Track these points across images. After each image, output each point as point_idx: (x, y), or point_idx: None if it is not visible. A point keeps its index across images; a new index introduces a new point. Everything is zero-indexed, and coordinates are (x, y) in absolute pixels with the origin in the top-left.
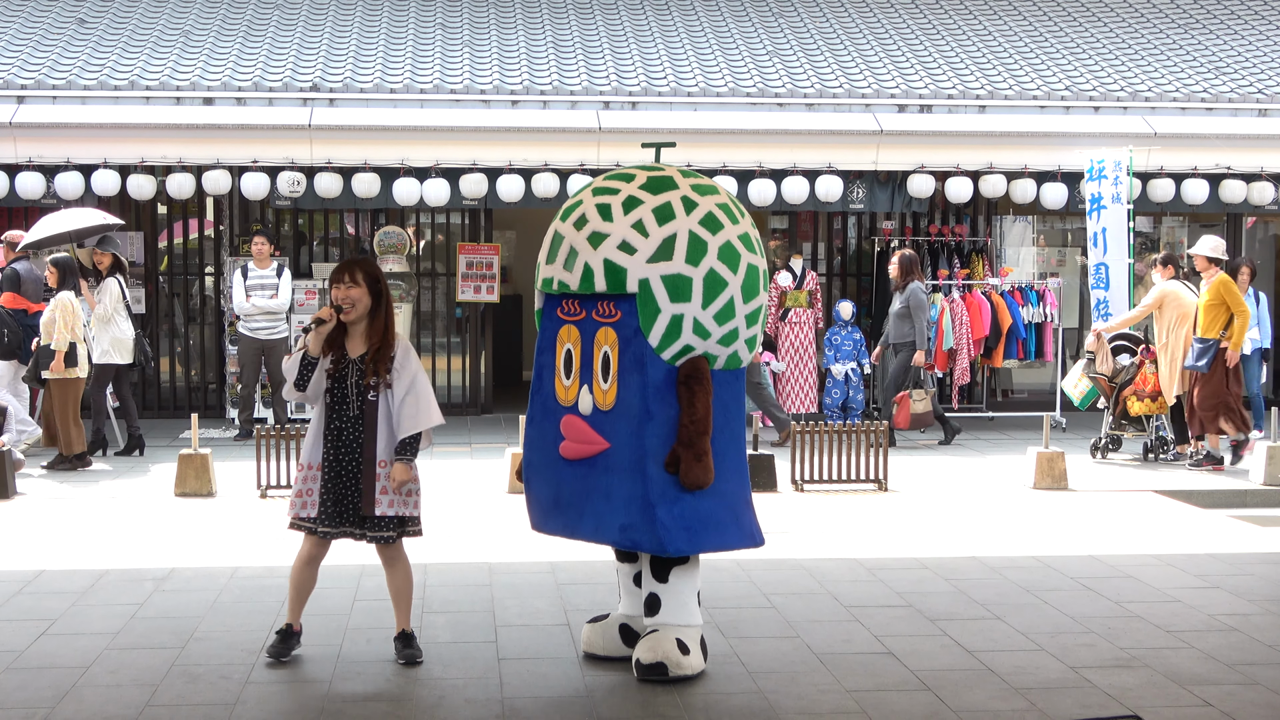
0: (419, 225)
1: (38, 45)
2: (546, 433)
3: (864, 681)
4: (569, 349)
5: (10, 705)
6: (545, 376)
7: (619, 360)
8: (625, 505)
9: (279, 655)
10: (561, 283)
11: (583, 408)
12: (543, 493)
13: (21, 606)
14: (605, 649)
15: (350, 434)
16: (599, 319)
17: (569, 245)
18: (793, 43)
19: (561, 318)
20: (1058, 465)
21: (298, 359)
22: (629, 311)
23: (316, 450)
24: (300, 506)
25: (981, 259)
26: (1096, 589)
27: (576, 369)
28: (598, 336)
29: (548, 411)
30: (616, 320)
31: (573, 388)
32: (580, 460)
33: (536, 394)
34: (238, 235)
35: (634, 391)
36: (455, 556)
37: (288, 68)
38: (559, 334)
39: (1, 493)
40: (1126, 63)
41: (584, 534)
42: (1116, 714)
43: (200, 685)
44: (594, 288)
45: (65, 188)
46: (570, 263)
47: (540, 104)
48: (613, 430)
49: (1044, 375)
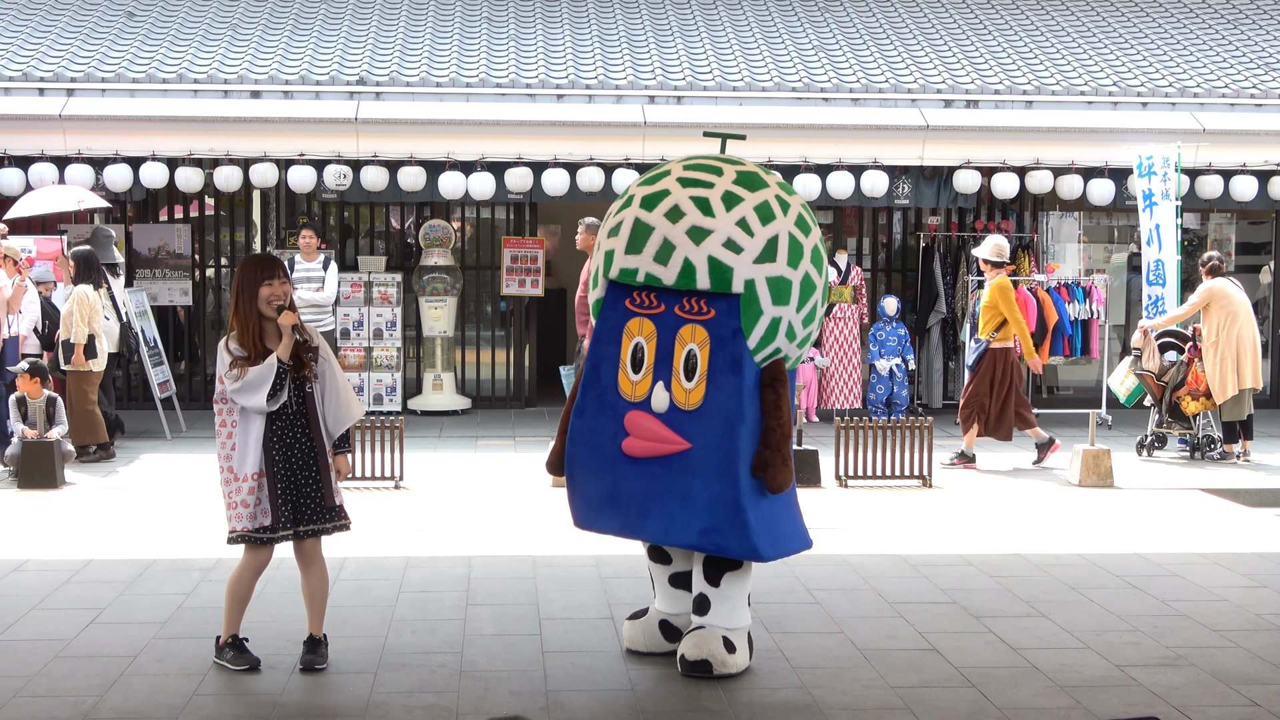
0: (464, 219)
1: (87, 38)
2: (602, 427)
3: (908, 678)
4: (639, 343)
5: (59, 693)
6: (605, 369)
7: (710, 360)
8: (709, 508)
9: (254, 664)
10: (651, 275)
11: (657, 405)
12: (592, 489)
13: (70, 596)
14: (647, 645)
15: (291, 431)
16: (684, 315)
17: (661, 237)
18: (839, 38)
19: (632, 310)
20: (1103, 462)
21: (269, 371)
22: (726, 311)
23: (255, 458)
24: (249, 518)
25: (1028, 255)
26: (1142, 587)
27: (649, 364)
28: (681, 333)
29: (604, 405)
30: (709, 319)
31: (643, 383)
32: (649, 459)
33: (591, 386)
34: (284, 228)
35: (728, 393)
36: (499, 549)
37: (334, 62)
38: (627, 326)
39: (50, 483)
40: (1175, 58)
41: (649, 535)
42: (1142, 715)
43: (246, 675)
44: (694, 284)
45: (114, 180)
46: (665, 256)
47: (586, 98)
48: (695, 431)
49: (1090, 372)
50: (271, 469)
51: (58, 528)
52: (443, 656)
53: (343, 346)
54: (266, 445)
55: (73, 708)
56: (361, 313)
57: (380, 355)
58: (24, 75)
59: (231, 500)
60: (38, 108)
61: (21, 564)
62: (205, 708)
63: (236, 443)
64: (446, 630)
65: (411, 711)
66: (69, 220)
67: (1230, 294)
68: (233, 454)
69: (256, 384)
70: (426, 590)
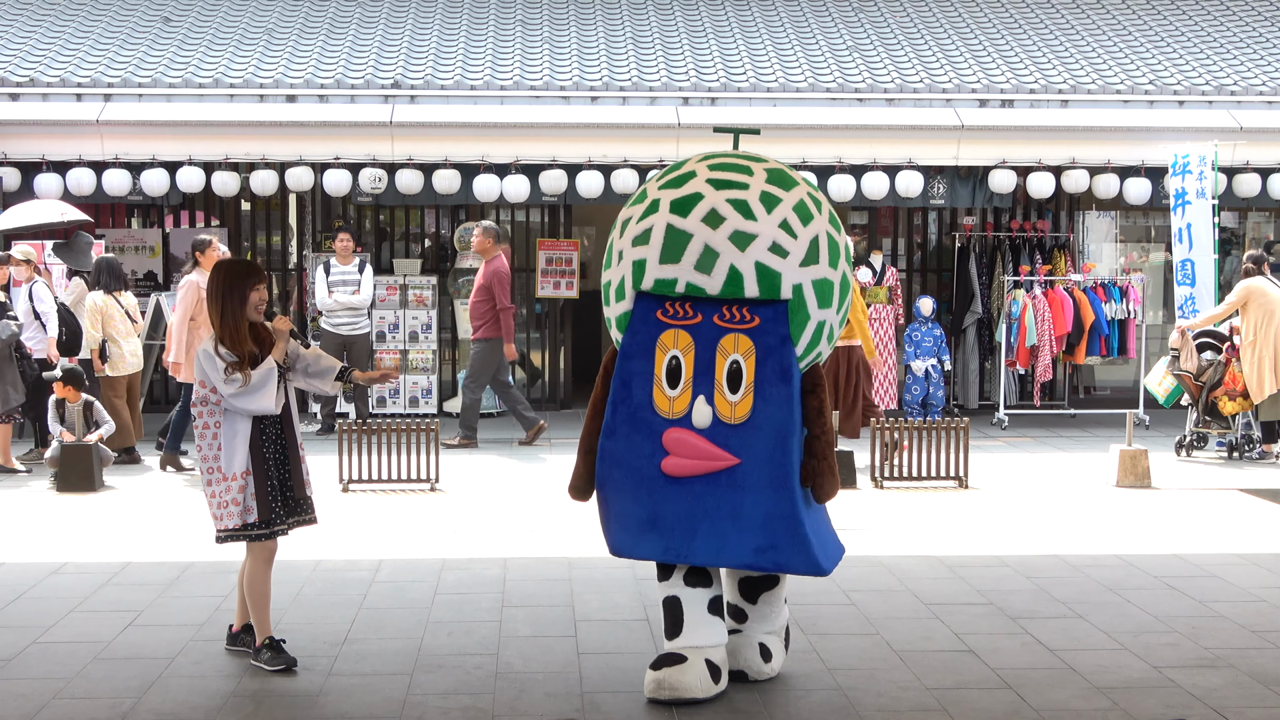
0: (499, 221)
1: (124, 44)
2: (638, 448)
3: (944, 679)
4: (675, 356)
5: (98, 695)
6: (637, 386)
7: (757, 370)
8: (764, 525)
9: (290, 664)
10: (692, 285)
11: (698, 421)
12: (631, 512)
13: (109, 598)
14: (703, 689)
15: (270, 428)
16: (725, 324)
17: (702, 244)
18: (873, 37)
19: (665, 321)
20: (1141, 463)
21: (272, 375)
22: (772, 317)
23: (243, 457)
24: (239, 515)
25: (1064, 255)
26: (1180, 588)
27: (688, 378)
28: (723, 343)
29: (638, 424)
30: (753, 327)
31: (681, 398)
32: (693, 478)
33: (621, 404)
34: (320, 231)
35: (778, 404)
36: (535, 551)
37: (369, 65)
38: (660, 339)
39: (89, 485)
40: (1212, 56)
41: (699, 557)
42: (1177, 716)
43: (283, 677)
44: (742, 292)
45: (151, 185)
46: (708, 264)
47: (620, 100)
48: (743, 445)
49: (1127, 372)
50: (261, 467)
51: (96, 530)
52: (478, 658)
53: (378, 349)
54: (254, 444)
55: (111, 709)
56: (397, 316)
57: (416, 358)
58: (62, 81)
59: (220, 500)
60: (75, 113)
61: (60, 566)
62: (242, 709)
63: (223, 443)
64: (482, 632)
65: (447, 713)
66: (106, 224)
67: (1268, 292)
68: (219, 454)
69: (260, 388)
70: (462, 592)
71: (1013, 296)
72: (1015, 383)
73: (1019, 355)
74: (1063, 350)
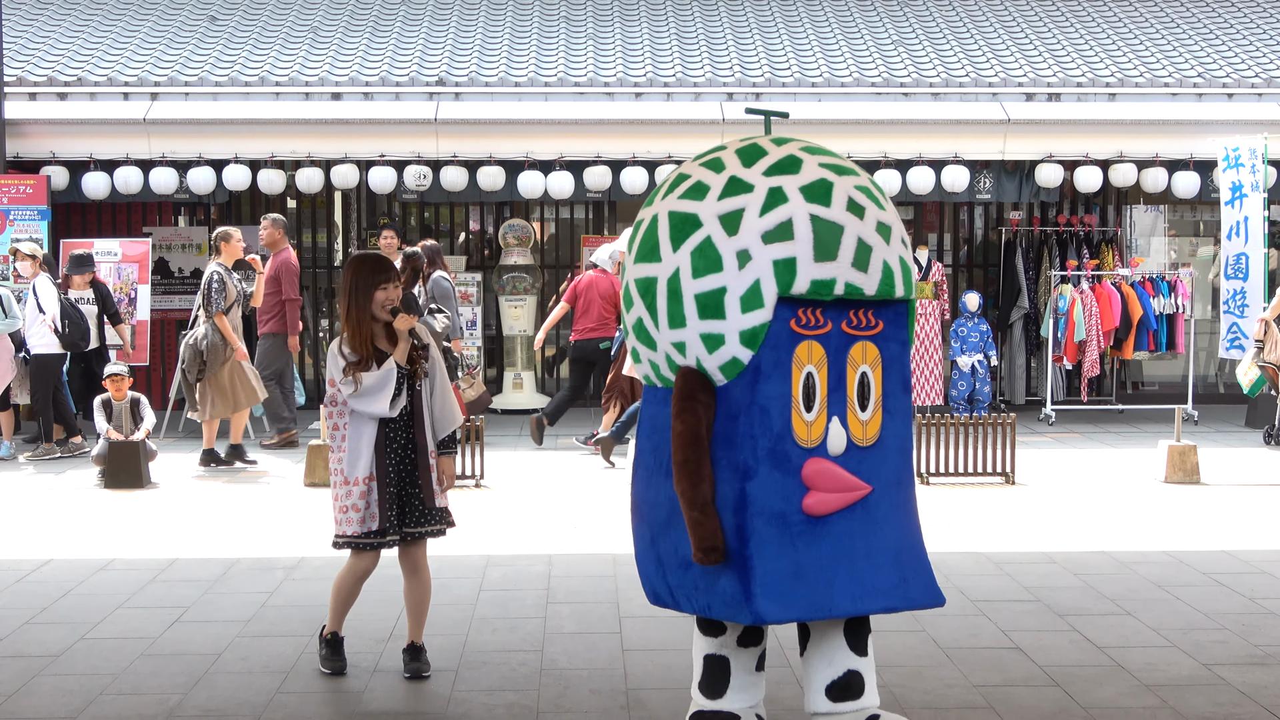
0: (543, 218)
1: (170, 43)
2: (780, 488)
3: (991, 676)
4: (810, 373)
5: (144, 691)
6: (777, 412)
7: (884, 382)
8: (896, 559)
9: (339, 669)
10: (851, 285)
11: (834, 447)
12: (774, 570)
13: (155, 594)
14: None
15: (397, 433)
16: (851, 331)
17: (855, 237)
18: (918, 31)
19: (799, 333)
20: (1189, 459)
21: (390, 377)
22: (894, 320)
23: (367, 462)
24: (358, 523)
25: (1111, 249)
26: (1230, 585)
27: (823, 397)
28: (852, 354)
29: (779, 459)
30: (878, 332)
31: (818, 422)
32: (832, 515)
33: (762, 437)
34: (365, 229)
35: (902, 418)
36: (579, 548)
37: (414, 62)
38: (796, 354)
39: (137, 482)
40: (1261, 48)
41: (840, 608)
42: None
43: (331, 676)
44: (893, 292)
45: (197, 183)
46: (864, 260)
47: (664, 96)
48: (874, 470)
49: (1175, 367)
50: (383, 473)
51: (143, 527)
52: (523, 655)
53: None
54: (379, 449)
55: (158, 705)
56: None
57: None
58: (109, 80)
59: (342, 505)
60: (123, 112)
61: (108, 563)
62: (288, 705)
63: (348, 446)
64: (527, 628)
65: (492, 710)
66: (154, 223)
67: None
68: (344, 458)
69: (376, 390)
70: (507, 588)
71: (1060, 291)
72: (1063, 378)
73: (1066, 350)
74: (1110, 345)
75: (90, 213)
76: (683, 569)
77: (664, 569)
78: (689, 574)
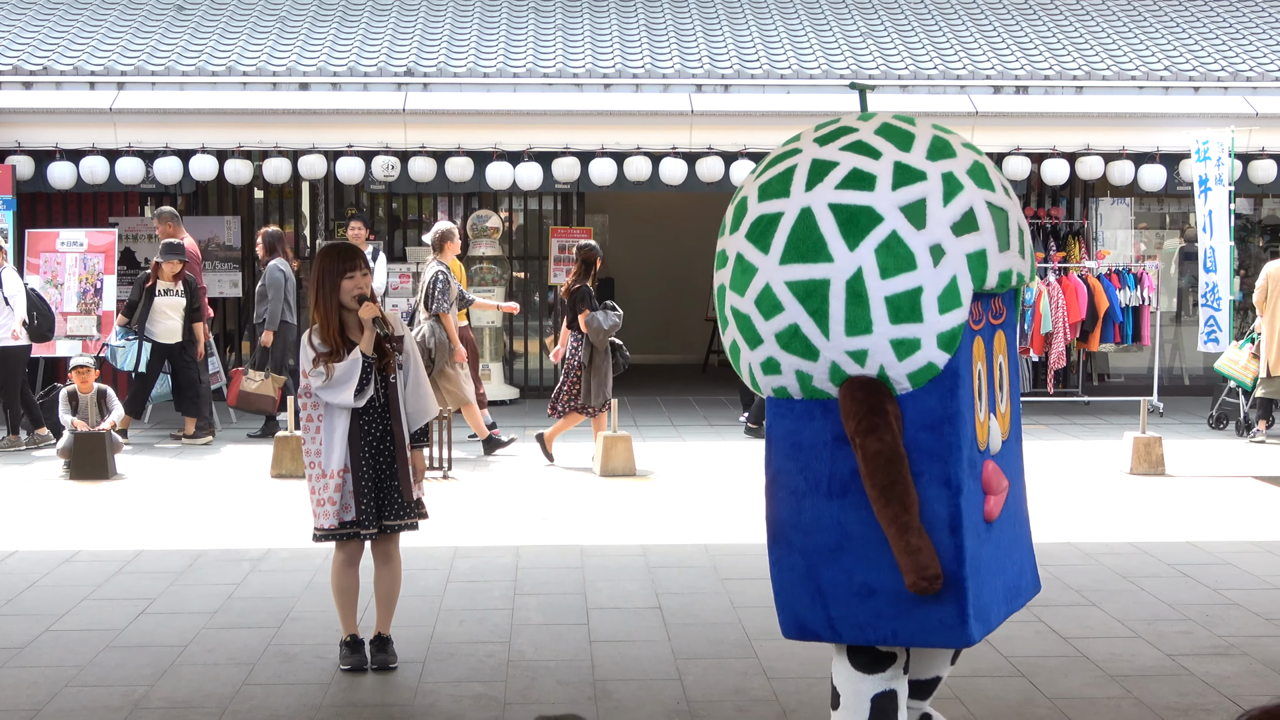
0: (512, 209)
1: (137, 32)
2: (978, 499)
3: (958, 667)
4: (979, 370)
5: (110, 683)
6: (966, 420)
7: (1010, 371)
8: (1026, 556)
9: (359, 665)
10: (1020, 275)
11: (995, 445)
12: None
13: (121, 585)
14: None
15: (374, 425)
16: (995, 322)
17: (1016, 223)
18: (887, 24)
19: (974, 329)
20: (1155, 450)
21: (355, 367)
22: (1012, 307)
23: (341, 454)
24: (335, 515)
25: (1078, 242)
26: (1194, 576)
27: (985, 395)
28: (995, 345)
29: (974, 468)
30: (1004, 319)
31: (986, 422)
32: (998, 518)
33: (965, 448)
34: (333, 220)
35: (1018, 407)
36: (547, 539)
37: (382, 53)
38: (973, 352)
39: (102, 474)
40: (1227, 41)
41: (1000, 614)
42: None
43: (295, 665)
44: (1034, 278)
45: (164, 173)
46: (1024, 247)
47: (633, 87)
48: (1011, 463)
49: (1141, 359)
50: (357, 465)
51: (109, 518)
52: (490, 646)
53: None
54: (353, 441)
55: (124, 697)
56: (410, 303)
57: None
58: (75, 69)
59: (319, 498)
60: (89, 101)
61: (73, 554)
62: (254, 697)
63: (323, 438)
64: (494, 620)
65: (459, 701)
66: (120, 213)
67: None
68: (320, 450)
69: (343, 380)
70: (474, 580)
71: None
72: (1029, 370)
73: (1033, 342)
74: (1077, 338)
75: (56, 203)
76: (859, 598)
77: (825, 600)
78: (869, 602)
